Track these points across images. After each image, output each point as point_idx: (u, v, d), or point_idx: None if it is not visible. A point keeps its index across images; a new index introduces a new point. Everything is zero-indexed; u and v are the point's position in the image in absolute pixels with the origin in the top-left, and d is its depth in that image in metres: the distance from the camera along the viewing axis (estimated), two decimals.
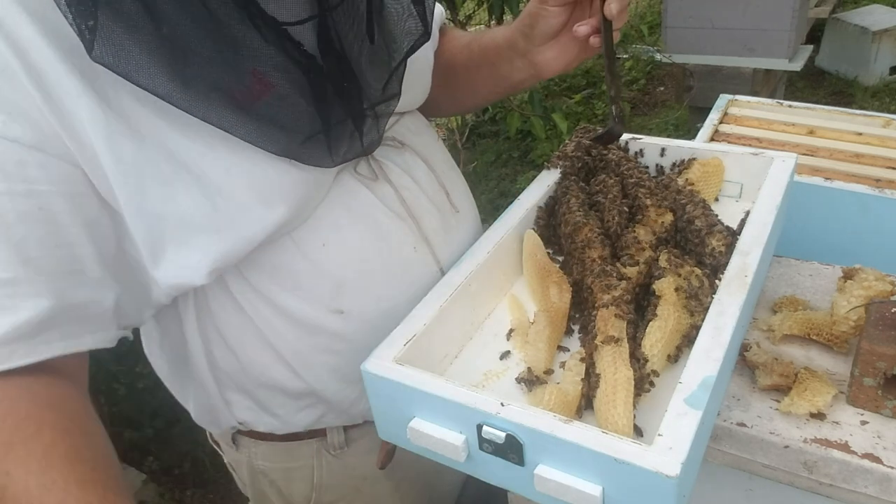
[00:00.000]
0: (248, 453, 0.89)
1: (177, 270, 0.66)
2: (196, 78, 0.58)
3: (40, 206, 0.58)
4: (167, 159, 0.61)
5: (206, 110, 0.59)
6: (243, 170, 0.64)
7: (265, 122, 0.62)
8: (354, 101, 0.69)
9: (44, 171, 0.58)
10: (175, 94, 0.57)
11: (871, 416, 0.71)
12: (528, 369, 0.73)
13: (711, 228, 0.81)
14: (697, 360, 0.62)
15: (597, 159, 0.98)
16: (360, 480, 0.91)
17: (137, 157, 0.60)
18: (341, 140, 0.69)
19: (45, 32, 0.56)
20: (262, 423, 0.85)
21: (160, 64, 0.56)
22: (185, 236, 0.64)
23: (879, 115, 1.41)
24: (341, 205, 0.75)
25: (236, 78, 0.60)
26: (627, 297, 0.75)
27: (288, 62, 0.61)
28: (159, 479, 2.08)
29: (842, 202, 1.15)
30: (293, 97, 0.63)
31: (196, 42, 0.57)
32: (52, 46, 0.56)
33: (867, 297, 0.77)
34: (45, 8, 0.55)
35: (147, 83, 0.56)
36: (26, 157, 0.57)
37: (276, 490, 0.92)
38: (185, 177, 0.62)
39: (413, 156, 0.84)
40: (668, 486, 0.53)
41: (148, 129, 0.60)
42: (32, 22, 0.55)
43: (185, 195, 0.63)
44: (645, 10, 5.30)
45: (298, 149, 0.66)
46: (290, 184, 0.67)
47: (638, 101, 4.16)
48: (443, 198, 0.86)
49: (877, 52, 3.73)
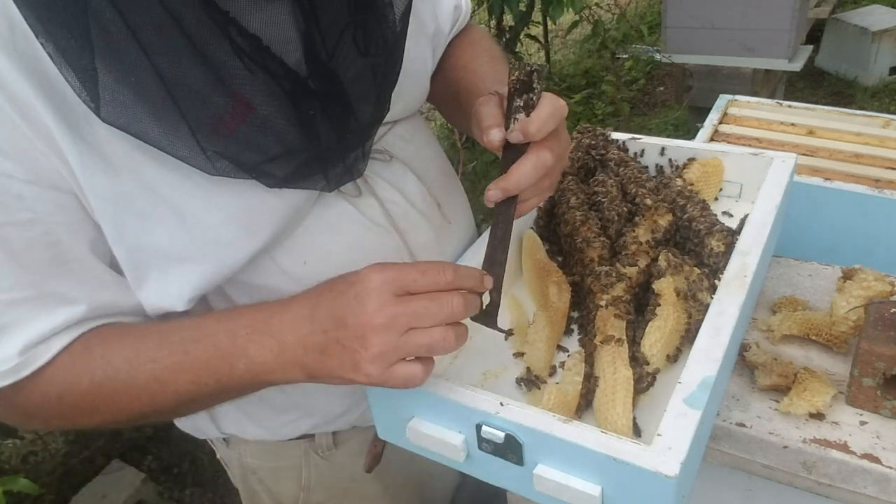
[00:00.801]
0: (239, 451, 0.89)
1: (158, 296, 0.66)
2: (181, 121, 0.56)
3: (45, 232, 0.59)
4: (144, 194, 0.61)
5: (196, 160, 0.58)
6: (224, 201, 0.63)
7: (254, 157, 0.61)
8: (346, 122, 0.65)
9: (41, 203, 0.58)
10: (164, 142, 0.57)
11: (871, 417, 0.71)
12: (528, 369, 0.74)
13: (711, 229, 0.81)
14: (697, 360, 0.62)
15: (596, 159, 0.99)
16: (348, 482, 0.91)
17: (114, 192, 0.60)
18: (336, 164, 0.68)
19: (17, 64, 0.54)
20: (249, 433, 0.85)
21: (153, 112, 0.55)
22: (165, 266, 0.64)
23: (879, 116, 1.41)
24: (323, 222, 0.73)
25: (221, 109, 0.57)
26: (627, 297, 0.75)
27: (276, 88, 0.58)
28: (158, 478, 2.08)
29: (841, 202, 1.15)
30: (283, 124, 0.60)
31: (181, 75, 0.54)
32: (25, 78, 0.55)
33: (866, 297, 0.77)
34: (10, 35, 0.54)
35: (145, 135, 0.56)
36: (23, 191, 0.57)
37: (266, 488, 0.92)
38: (163, 210, 0.62)
39: (402, 168, 0.81)
40: (667, 486, 0.53)
41: (124, 162, 0.59)
42: (3, 52, 0.54)
43: (162, 228, 0.62)
44: (645, 10, 5.31)
45: (293, 177, 0.64)
46: (270, 210, 0.66)
47: (638, 101, 4.16)
48: (434, 210, 0.84)
49: (877, 53, 3.73)
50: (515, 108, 0.66)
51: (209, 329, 0.64)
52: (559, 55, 4.88)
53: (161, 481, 2.07)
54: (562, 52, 4.96)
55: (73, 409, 0.64)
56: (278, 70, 0.56)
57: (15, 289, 0.59)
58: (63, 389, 0.63)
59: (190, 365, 0.63)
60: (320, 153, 0.64)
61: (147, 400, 0.64)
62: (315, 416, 0.83)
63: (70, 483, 2.00)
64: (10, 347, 0.59)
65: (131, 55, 0.52)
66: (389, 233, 0.78)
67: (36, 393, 0.62)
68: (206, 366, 0.63)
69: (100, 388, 0.63)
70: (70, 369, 0.62)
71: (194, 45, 0.52)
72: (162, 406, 0.65)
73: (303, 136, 0.61)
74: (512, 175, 0.65)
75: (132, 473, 1.95)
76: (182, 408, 0.67)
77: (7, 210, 0.57)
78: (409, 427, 0.67)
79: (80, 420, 0.66)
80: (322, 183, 0.67)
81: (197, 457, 2.12)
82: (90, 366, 0.63)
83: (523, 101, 0.65)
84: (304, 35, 0.57)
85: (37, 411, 0.64)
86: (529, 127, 0.65)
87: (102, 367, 0.63)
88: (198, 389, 0.64)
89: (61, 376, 0.62)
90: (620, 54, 4.20)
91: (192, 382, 0.63)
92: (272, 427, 0.84)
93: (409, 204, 0.80)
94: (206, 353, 0.63)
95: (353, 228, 0.75)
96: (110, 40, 0.51)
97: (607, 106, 3.92)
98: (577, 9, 2.81)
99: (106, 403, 0.64)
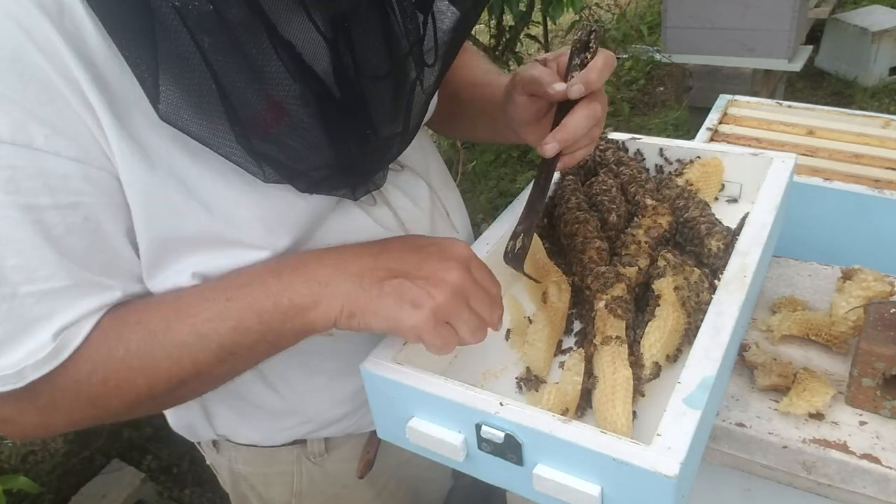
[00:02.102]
0: (229, 457, 0.89)
1: (166, 280, 0.66)
2: (233, 124, 0.56)
3: (86, 217, 0.59)
4: (177, 187, 0.61)
5: (246, 164, 0.59)
6: (252, 200, 0.63)
7: (298, 163, 0.61)
8: (374, 132, 0.66)
9: (87, 183, 0.58)
10: (212, 139, 0.57)
11: (870, 417, 0.71)
12: (528, 369, 0.74)
13: (711, 229, 0.81)
14: (696, 360, 0.62)
15: (596, 159, 0.99)
16: (340, 488, 0.91)
17: (148, 183, 0.60)
18: (364, 174, 0.69)
19: (66, 41, 0.54)
20: (242, 435, 0.85)
21: (208, 114, 0.55)
22: (183, 255, 0.64)
23: (879, 116, 1.41)
24: (339, 229, 0.73)
25: (258, 110, 0.57)
26: (626, 297, 0.75)
27: (311, 93, 0.58)
28: (158, 477, 2.08)
29: (841, 203, 1.15)
30: (318, 130, 0.61)
31: (237, 79, 0.55)
32: (75, 59, 0.55)
33: (866, 297, 0.77)
34: (59, 15, 0.54)
35: (199, 134, 0.56)
36: (70, 169, 0.57)
37: (257, 494, 0.91)
38: (194, 205, 0.62)
39: (413, 176, 0.82)
40: (666, 486, 0.53)
41: (159, 155, 0.59)
42: (54, 29, 0.54)
43: (191, 223, 0.62)
44: (645, 10, 5.31)
45: (324, 182, 0.65)
46: (296, 215, 0.67)
47: (637, 101, 4.16)
48: (444, 218, 0.85)
49: (876, 53, 3.73)
50: (573, 67, 0.73)
51: (256, 272, 0.64)
52: None
53: (161, 481, 2.07)
54: None
55: (103, 389, 0.62)
56: (321, 80, 0.58)
57: (52, 278, 0.58)
58: (95, 365, 0.61)
59: (233, 311, 0.62)
60: (351, 163, 0.65)
61: (188, 360, 0.62)
62: (312, 422, 0.83)
63: (70, 482, 2.00)
64: (44, 334, 0.58)
65: (189, 56, 0.52)
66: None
67: (65, 378, 0.60)
68: (250, 307, 0.62)
69: (137, 356, 0.61)
70: (103, 343, 0.61)
71: (245, 49, 0.53)
72: (202, 365, 0.63)
73: (339, 146, 0.62)
74: (569, 126, 0.71)
75: (132, 473, 1.94)
76: (222, 366, 0.65)
77: (52, 192, 0.56)
78: (408, 427, 0.67)
79: (109, 403, 0.64)
80: (345, 190, 0.68)
81: (196, 456, 2.09)
82: (125, 334, 0.62)
83: (580, 60, 0.72)
84: (342, 47, 0.59)
85: (62, 399, 0.62)
86: (591, 75, 0.70)
87: (138, 333, 0.62)
88: (240, 337, 0.62)
89: (93, 352, 0.61)
90: (620, 54, 4.20)
91: (234, 329, 0.62)
92: (267, 432, 0.84)
93: (420, 211, 0.81)
94: (251, 296, 0.62)
95: (367, 236, 0.75)
96: (171, 41, 0.52)
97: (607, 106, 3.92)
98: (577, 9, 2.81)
99: (143, 372, 0.62)
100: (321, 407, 0.82)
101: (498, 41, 3.18)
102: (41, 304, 0.58)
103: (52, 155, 0.56)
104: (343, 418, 0.84)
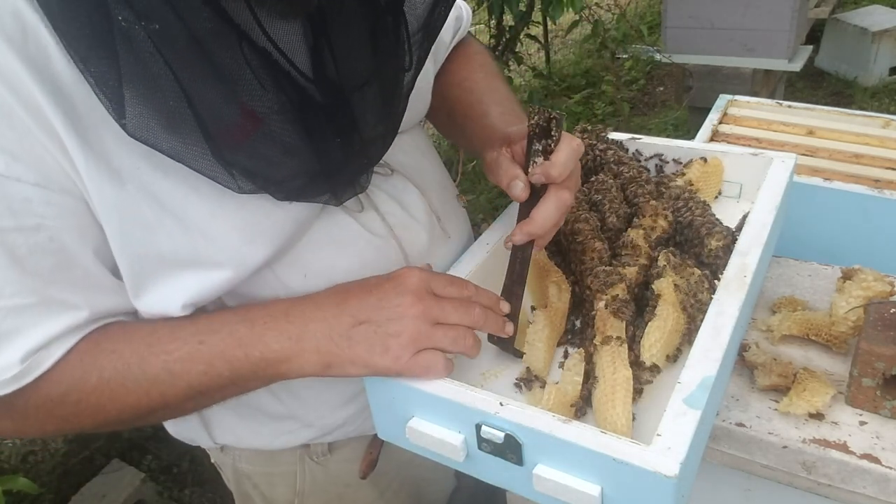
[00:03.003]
0: (233, 456, 0.89)
1: (155, 305, 0.66)
2: (203, 136, 0.56)
3: (51, 238, 0.59)
4: (149, 203, 0.60)
5: (220, 175, 0.58)
6: (228, 211, 0.63)
7: (272, 172, 0.61)
8: (357, 141, 0.66)
9: (49, 207, 0.58)
10: (183, 153, 0.56)
11: (870, 417, 0.71)
12: (527, 369, 0.73)
13: (711, 229, 0.81)
14: (696, 360, 0.62)
15: (596, 159, 0.98)
16: (343, 488, 0.91)
17: (119, 201, 0.59)
18: (345, 180, 0.68)
19: (29, 69, 0.54)
20: (244, 442, 0.85)
21: (176, 127, 0.55)
22: (166, 275, 0.64)
23: (879, 116, 1.41)
24: (325, 236, 0.73)
25: (230, 121, 0.57)
26: (626, 296, 0.75)
27: (287, 100, 0.58)
28: (158, 477, 2.08)
29: (841, 203, 1.15)
30: (298, 139, 0.60)
31: (204, 89, 0.54)
32: (37, 84, 0.54)
33: (866, 297, 0.77)
34: (23, 40, 0.54)
35: (169, 149, 0.56)
36: (31, 194, 0.57)
37: (260, 493, 0.92)
38: (167, 221, 0.61)
39: (403, 181, 0.81)
40: (666, 486, 0.53)
41: (130, 171, 0.59)
42: (17, 56, 0.54)
43: (166, 238, 0.62)
44: (645, 10, 5.31)
45: (302, 190, 0.64)
46: (275, 224, 0.66)
47: (637, 101, 4.16)
48: (434, 223, 0.84)
49: (876, 53, 3.73)
50: (534, 152, 0.70)
51: (226, 319, 0.65)
52: (559, 55, 4.88)
53: (161, 481, 2.07)
54: (562, 51, 4.97)
55: (75, 409, 0.64)
56: (297, 87, 0.57)
57: (17, 295, 0.59)
58: (68, 388, 0.63)
59: (204, 355, 0.63)
60: (332, 169, 0.65)
61: (157, 394, 0.64)
62: (313, 427, 0.83)
63: (69, 482, 2.00)
64: (11, 355, 0.59)
65: (155, 71, 0.52)
66: (389, 244, 0.78)
67: (37, 395, 0.62)
68: (221, 355, 0.63)
69: (108, 384, 0.63)
70: (78, 366, 0.62)
71: (214, 61, 0.53)
72: (171, 400, 0.65)
73: (318, 152, 0.62)
74: (536, 218, 0.70)
75: (132, 473, 1.94)
76: (190, 402, 0.67)
77: (14, 215, 0.57)
78: (408, 427, 0.67)
79: (80, 421, 0.66)
80: (327, 196, 0.68)
81: (196, 456, 2.11)
82: (99, 362, 0.63)
83: (542, 147, 0.69)
84: (316, 52, 0.58)
85: (34, 413, 0.64)
86: (552, 171, 0.69)
87: (112, 362, 0.63)
88: (210, 381, 0.64)
89: (68, 375, 0.62)
90: (620, 54, 4.19)
91: (204, 373, 0.63)
92: (267, 437, 0.84)
93: (409, 216, 0.80)
94: (222, 343, 0.63)
95: (355, 243, 0.75)
96: (135, 57, 0.51)
97: (607, 106, 3.92)
98: (577, 9, 2.80)
99: (113, 400, 0.64)
100: (322, 411, 0.82)
101: (498, 41, 3.17)
102: (7, 320, 0.59)
103: (14, 180, 0.56)
104: (345, 423, 0.84)
